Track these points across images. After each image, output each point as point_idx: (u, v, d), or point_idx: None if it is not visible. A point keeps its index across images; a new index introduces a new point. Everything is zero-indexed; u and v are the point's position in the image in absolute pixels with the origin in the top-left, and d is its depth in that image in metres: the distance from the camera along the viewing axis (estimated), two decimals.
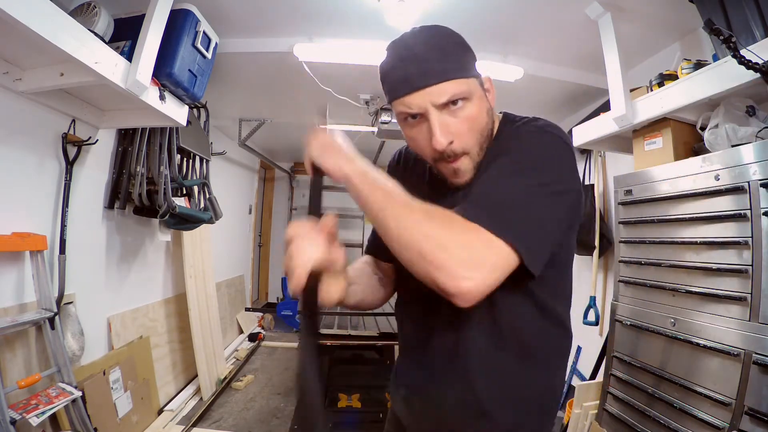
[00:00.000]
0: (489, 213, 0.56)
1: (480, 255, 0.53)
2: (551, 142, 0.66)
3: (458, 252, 0.52)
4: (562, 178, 0.64)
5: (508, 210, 0.58)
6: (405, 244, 0.55)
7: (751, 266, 1.09)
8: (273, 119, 3.64)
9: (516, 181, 0.61)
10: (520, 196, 0.59)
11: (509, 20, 1.98)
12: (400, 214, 0.56)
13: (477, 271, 0.52)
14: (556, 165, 0.64)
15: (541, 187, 0.60)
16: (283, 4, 1.93)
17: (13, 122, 1.56)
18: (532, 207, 0.59)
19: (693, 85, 1.43)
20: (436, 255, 0.52)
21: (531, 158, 0.64)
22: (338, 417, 2.13)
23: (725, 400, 1.11)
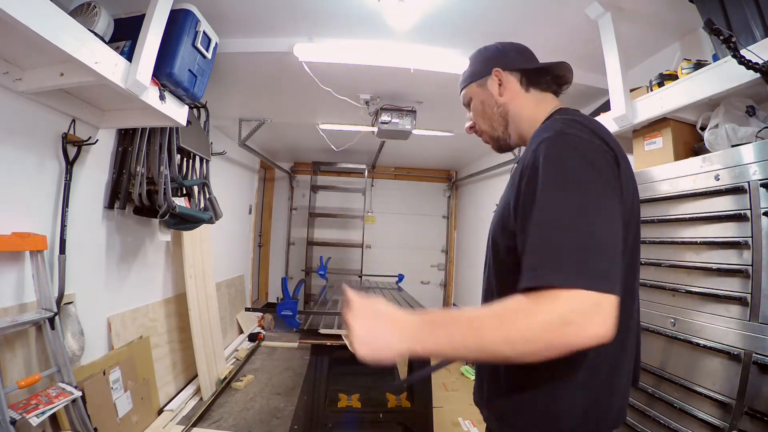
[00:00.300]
0: (551, 267, 0.58)
1: (569, 316, 0.55)
2: (566, 154, 0.66)
3: (548, 330, 0.55)
4: (583, 185, 0.63)
5: (566, 252, 0.59)
6: (520, 354, 0.57)
7: (751, 266, 1.09)
8: (273, 119, 3.64)
9: (557, 215, 0.62)
10: (568, 231, 0.60)
11: (509, 20, 1.97)
12: (485, 337, 0.58)
13: (589, 320, 0.55)
14: (570, 175, 0.64)
15: (582, 210, 0.61)
16: (283, 4, 1.93)
17: (13, 122, 1.56)
18: (583, 234, 0.60)
19: (693, 85, 1.43)
20: (533, 345, 0.56)
21: (558, 182, 0.64)
22: (338, 417, 2.13)
23: (725, 400, 1.11)
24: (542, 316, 0.56)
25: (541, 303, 0.57)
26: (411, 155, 5.32)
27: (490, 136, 0.95)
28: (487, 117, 0.92)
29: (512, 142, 0.93)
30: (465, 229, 5.77)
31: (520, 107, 0.89)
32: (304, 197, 5.89)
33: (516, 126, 0.90)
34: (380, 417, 2.17)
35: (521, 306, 0.58)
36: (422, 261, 6.17)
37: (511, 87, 0.89)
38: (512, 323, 0.57)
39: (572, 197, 0.62)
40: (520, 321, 0.57)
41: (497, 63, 0.89)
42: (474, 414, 2.70)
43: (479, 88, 0.92)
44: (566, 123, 0.71)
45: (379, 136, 3.18)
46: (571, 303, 0.55)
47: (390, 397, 2.25)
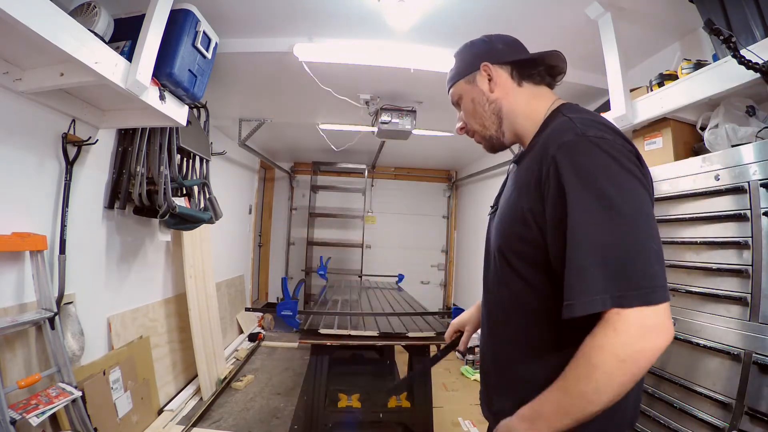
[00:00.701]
0: (606, 289, 0.58)
1: (633, 342, 0.57)
2: (597, 161, 0.62)
3: (621, 361, 0.57)
4: (625, 192, 0.61)
5: (619, 271, 0.58)
6: (614, 395, 0.58)
7: (751, 266, 1.09)
8: (273, 119, 3.64)
9: (596, 233, 0.60)
10: (613, 248, 0.59)
11: (509, 20, 1.97)
12: (574, 405, 0.60)
13: (658, 335, 0.58)
14: (606, 185, 0.61)
15: (628, 223, 0.59)
16: (283, 4, 1.93)
17: (13, 122, 1.56)
18: (634, 249, 0.58)
19: (693, 85, 1.43)
20: (624, 373, 0.57)
21: (595, 194, 0.60)
22: (338, 417, 2.13)
23: (725, 400, 1.11)
24: (610, 361, 0.57)
25: (605, 344, 0.57)
26: (411, 155, 5.32)
27: (482, 137, 0.88)
28: (479, 116, 0.86)
29: (506, 141, 0.86)
30: (465, 229, 5.77)
31: (513, 103, 0.82)
32: (304, 197, 5.89)
33: (511, 123, 0.83)
34: (380, 417, 2.16)
35: (589, 357, 0.59)
36: (422, 261, 6.17)
37: (501, 82, 0.83)
38: (588, 381, 0.58)
39: (612, 208, 0.59)
40: (595, 376, 0.57)
41: (485, 57, 0.84)
42: (474, 414, 2.70)
43: (468, 85, 0.86)
44: (585, 123, 0.66)
45: (379, 136, 3.18)
46: (628, 331, 0.56)
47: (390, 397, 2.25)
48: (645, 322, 0.56)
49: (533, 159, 0.72)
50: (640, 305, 0.56)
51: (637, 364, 0.56)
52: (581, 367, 0.59)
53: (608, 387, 0.57)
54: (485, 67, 0.83)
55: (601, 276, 0.58)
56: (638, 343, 0.56)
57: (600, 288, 0.57)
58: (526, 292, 0.73)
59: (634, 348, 0.56)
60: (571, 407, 0.60)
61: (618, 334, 0.56)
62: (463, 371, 3.58)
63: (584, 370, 0.59)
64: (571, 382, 0.60)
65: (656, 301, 0.57)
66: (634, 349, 0.56)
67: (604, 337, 0.58)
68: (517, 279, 0.75)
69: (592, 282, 0.58)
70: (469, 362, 3.70)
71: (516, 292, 0.75)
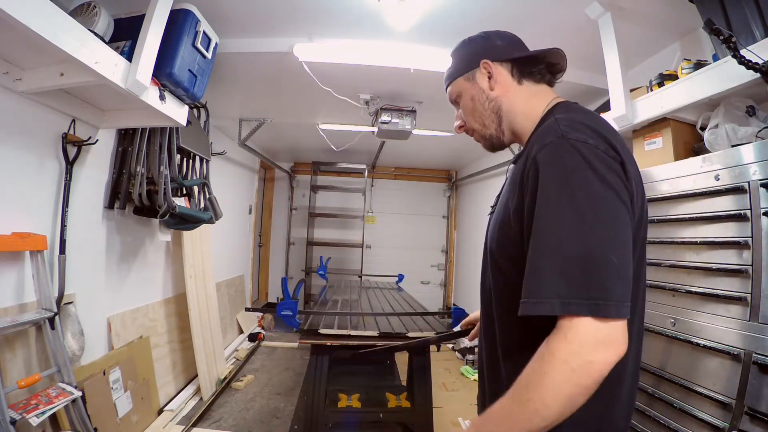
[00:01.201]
0: (553, 293, 0.57)
1: (581, 351, 0.55)
2: (571, 164, 0.61)
3: (570, 367, 0.55)
4: (593, 200, 0.59)
5: (571, 277, 0.57)
6: (561, 407, 0.56)
7: (751, 266, 1.09)
8: (273, 119, 3.64)
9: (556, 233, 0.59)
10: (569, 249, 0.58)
11: (509, 20, 1.97)
12: (518, 424, 0.58)
13: (605, 350, 0.55)
14: (575, 188, 0.60)
15: (589, 229, 0.58)
16: (283, 4, 1.93)
17: (13, 122, 1.56)
18: (591, 256, 0.57)
19: (693, 85, 1.43)
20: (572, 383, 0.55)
21: (568, 194, 0.60)
22: (338, 417, 2.13)
23: (725, 400, 1.11)
24: (553, 375, 0.55)
25: (550, 356, 0.56)
26: (411, 155, 5.32)
27: (481, 135, 0.87)
28: (478, 114, 0.84)
29: (506, 140, 0.85)
30: (465, 229, 5.77)
31: (513, 101, 0.81)
32: (304, 197, 5.88)
33: (510, 122, 0.82)
34: (380, 417, 2.16)
35: (532, 371, 0.58)
36: (422, 261, 6.17)
37: (502, 79, 0.81)
38: (531, 395, 0.57)
39: (578, 215, 0.58)
40: (537, 390, 0.56)
41: (485, 54, 0.82)
42: (474, 414, 2.69)
43: (467, 82, 0.84)
44: (569, 125, 0.65)
45: (379, 136, 3.18)
46: (571, 343, 0.55)
47: (390, 397, 2.25)
48: (596, 334, 0.55)
49: (522, 159, 0.72)
50: (591, 317, 0.55)
51: (588, 375, 0.54)
52: (531, 373, 0.58)
53: (556, 397, 0.55)
54: (485, 65, 0.82)
55: (555, 280, 0.57)
56: (589, 354, 0.54)
57: (552, 292, 0.57)
58: (507, 291, 0.72)
59: (585, 358, 0.54)
60: (518, 416, 0.57)
61: (568, 343, 0.55)
62: (463, 371, 3.58)
63: (534, 377, 0.57)
64: (521, 389, 0.58)
65: (609, 316, 0.55)
66: (585, 360, 0.54)
67: (555, 343, 0.56)
68: (501, 278, 0.75)
69: (545, 284, 0.58)
70: (469, 362, 3.70)
71: (499, 291, 0.76)
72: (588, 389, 0.55)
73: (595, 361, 0.54)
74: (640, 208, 0.68)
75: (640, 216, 0.68)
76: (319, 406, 2.09)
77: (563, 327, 0.56)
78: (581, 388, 0.55)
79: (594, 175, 0.60)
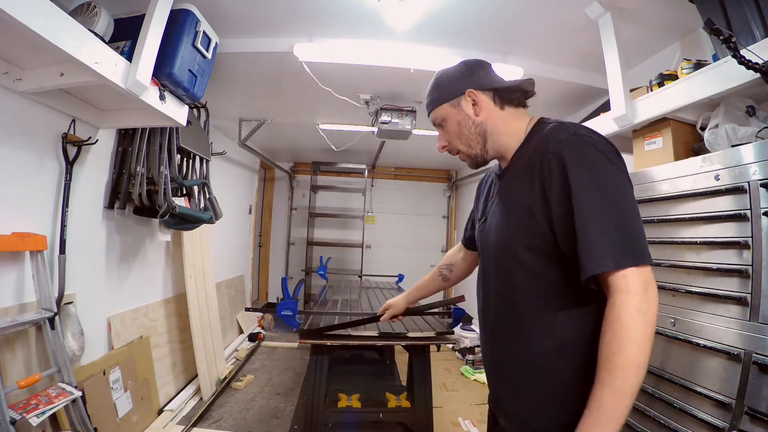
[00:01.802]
0: (616, 254, 0.69)
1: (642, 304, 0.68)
2: (591, 154, 0.75)
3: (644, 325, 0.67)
4: (614, 180, 0.74)
5: (622, 239, 0.70)
6: (650, 349, 0.67)
7: (751, 266, 1.09)
8: (273, 119, 3.64)
9: (605, 211, 0.72)
10: (619, 220, 0.72)
11: (509, 20, 1.98)
12: (630, 380, 0.66)
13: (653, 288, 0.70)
14: (598, 173, 0.74)
15: (621, 202, 0.73)
16: (283, 4, 1.93)
17: (13, 122, 1.56)
18: (628, 223, 0.71)
19: (693, 85, 1.43)
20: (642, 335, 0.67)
21: (596, 179, 0.73)
22: (338, 417, 2.13)
23: (725, 400, 1.11)
24: (632, 326, 0.66)
25: (621, 314, 0.67)
26: (411, 155, 5.32)
27: (467, 155, 0.97)
28: (464, 137, 0.94)
29: (488, 157, 0.96)
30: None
31: (497, 124, 0.91)
32: (304, 197, 5.88)
33: (494, 141, 0.92)
34: (380, 417, 2.16)
35: (613, 331, 0.67)
36: (422, 261, 6.17)
37: (485, 106, 0.91)
38: (629, 341, 0.66)
39: (607, 196, 0.72)
40: (626, 343, 0.66)
41: (469, 83, 0.92)
42: (474, 414, 2.70)
43: (453, 109, 0.94)
44: (574, 126, 0.78)
45: (379, 136, 3.18)
46: (631, 291, 0.67)
47: (390, 397, 2.25)
48: (643, 277, 0.68)
49: (527, 163, 0.82)
50: (634, 266, 0.68)
51: (654, 312, 0.67)
52: (617, 334, 0.67)
53: (646, 342, 0.66)
54: (471, 93, 0.91)
55: (606, 247, 0.69)
56: (647, 296, 0.67)
57: (605, 253, 0.69)
58: (527, 277, 0.81)
59: (648, 300, 0.67)
60: (628, 381, 0.65)
61: (631, 293, 0.67)
62: (463, 371, 3.58)
63: (622, 336, 0.66)
64: (616, 357, 0.66)
65: (645, 262, 0.70)
66: (648, 301, 0.67)
67: (622, 300, 0.67)
68: (530, 276, 0.81)
69: (598, 249, 0.70)
70: (469, 362, 3.70)
71: (519, 279, 0.83)
72: (655, 323, 0.68)
73: (651, 297, 0.68)
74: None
75: None
76: (319, 406, 2.09)
77: (619, 286, 0.68)
78: (653, 324, 0.67)
79: (608, 161, 0.74)
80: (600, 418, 0.66)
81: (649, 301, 0.68)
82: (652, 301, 0.68)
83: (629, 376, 0.65)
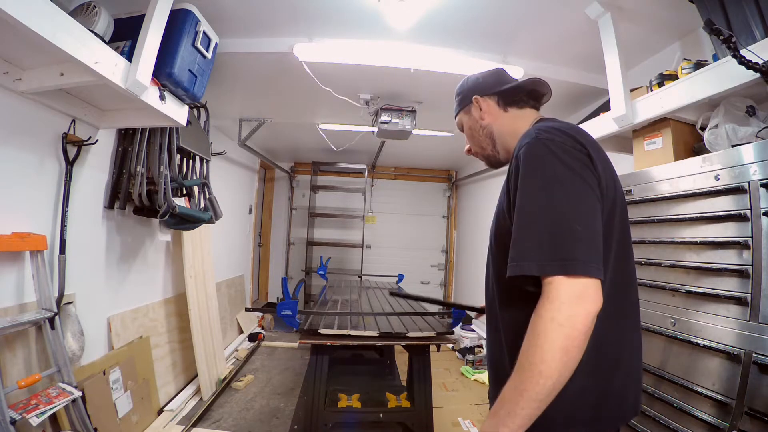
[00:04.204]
0: (530, 258, 0.68)
1: (561, 310, 0.64)
2: (541, 155, 0.74)
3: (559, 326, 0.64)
4: (559, 182, 0.71)
5: (544, 244, 0.68)
6: (560, 363, 0.64)
7: (751, 266, 1.09)
8: (273, 119, 3.64)
9: (531, 214, 0.71)
10: (539, 225, 0.69)
11: (509, 20, 1.98)
12: (530, 382, 0.65)
13: (578, 305, 0.64)
14: (545, 175, 0.72)
15: (557, 203, 0.70)
16: (283, 4, 1.93)
17: (13, 122, 1.56)
18: (558, 225, 0.68)
19: (693, 85, 1.43)
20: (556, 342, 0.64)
21: (539, 179, 0.73)
22: (338, 417, 2.13)
23: (725, 400, 1.11)
24: (544, 334, 0.64)
25: (537, 320, 0.65)
26: (411, 155, 5.32)
27: (482, 155, 1.06)
28: (476, 139, 1.03)
29: (502, 158, 1.01)
30: (465, 229, 5.77)
31: (502, 125, 0.98)
32: (304, 197, 5.88)
33: (502, 142, 0.98)
34: (380, 417, 2.17)
35: (528, 339, 0.66)
36: (422, 261, 6.17)
37: (490, 110, 0.99)
38: (534, 357, 0.64)
39: (548, 193, 0.70)
40: (535, 351, 0.64)
41: (475, 91, 1.01)
42: (474, 414, 2.70)
43: (466, 115, 1.04)
44: (541, 129, 0.78)
45: (379, 136, 3.18)
46: (553, 301, 0.64)
47: (390, 397, 2.25)
48: (571, 289, 0.64)
49: (509, 164, 0.85)
50: (564, 275, 0.65)
51: (573, 327, 0.63)
52: (528, 339, 0.66)
53: (552, 352, 0.63)
54: (476, 100, 1.00)
55: (532, 248, 0.68)
56: (570, 309, 0.63)
57: (530, 257, 0.68)
58: (503, 276, 0.80)
59: (567, 313, 0.63)
60: (526, 384, 0.64)
61: (551, 302, 0.65)
62: (463, 371, 3.58)
63: (529, 342, 0.66)
64: (522, 359, 0.66)
65: (577, 273, 0.65)
66: (568, 314, 0.63)
67: (541, 306, 0.66)
68: (496, 265, 0.85)
69: (524, 251, 0.69)
70: (469, 362, 3.70)
71: (497, 276, 0.85)
72: (578, 340, 0.63)
73: (576, 313, 0.63)
74: (613, 190, 0.78)
75: (614, 197, 0.78)
76: (319, 406, 2.09)
77: (545, 290, 0.66)
78: (571, 339, 0.63)
79: (558, 163, 0.72)
80: (499, 409, 0.67)
81: (572, 314, 0.63)
82: (577, 315, 0.63)
83: (528, 379, 0.64)
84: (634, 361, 0.81)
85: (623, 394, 0.77)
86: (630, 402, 0.79)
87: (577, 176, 0.71)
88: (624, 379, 0.77)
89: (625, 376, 0.78)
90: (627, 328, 0.80)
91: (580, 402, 0.73)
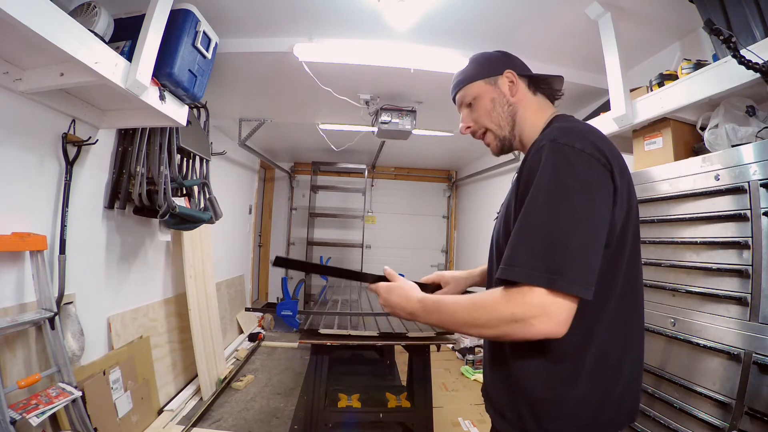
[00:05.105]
0: (518, 264, 0.68)
1: (521, 311, 0.66)
2: (557, 164, 0.71)
3: (507, 323, 0.67)
4: (568, 193, 0.69)
5: (535, 253, 0.67)
6: (484, 335, 0.74)
7: (751, 266, 1.09)
8: (273, 119, 3.64)
9: (538, 218, 0.70)
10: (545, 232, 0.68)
11: (509, 20, 1.97)
12: (458, 320, 0.75)
13: (537, 319, 0.65)
14: (556, 183, 0.70)
15: (561, 216, 0.68)
16: (283, 4, 1.93)
17: (13, 122, 1.56)
18: (555, 238, 0.67)
19: (693, 85, 1.43)
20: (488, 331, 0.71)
21: (548, 187, 0.70)
22: (338, 417, 2.13)
23: (725, 400, 1.11)
24: (500, 313, 0.68)
25: (508, 300, 0.67)
26: (411, 155, 5.32)
27: (495, 135, 0.94)
28: (496, 115, 0.92)
29: (515, 144, 0.94)
30: (465, 229, 5.76)
31: (526, 109, 0.92)
32: (304, 197, 5.88)
33: (520, 128, 0.92)
34: (380, 417, 2.17)
35: (491, 300, 0.70)
36: (422, 261, 6.17)
37: (521, 89, 0.92)
38: (478, 314, 0.71)
39: (553, 204, 0.68)
40: (485, 313, 0.70)
41: (509, 65, 0.93)
42: (474, 414, 2.70)
43: (489, 86, 0.92)
44: (562, 131, 0.74)
45: (379, 136, 3.18)
46: (525, 302, 0.65)
47: (390, 397, 2.25)
48: (544, 303, 0.64)
49: (522, 162, 0.81)
50: (546, 289, 0.64)
51: (520, 331, 0.66)
52: (487, 301, 0.71)
53: (488, 330, 0.70)
54: (509, 74, 0.92)
55: (525, 255, 0.68)
56: (533, 318, 0.65)
57: (522, 263, 0.67)
58: None
59: (529, 320, 0.65)
60: (444, 316, 0.77)
61: (524, 302, 0.65)
62: (463, 371, 3.58)
63: (487, 306, 0.70)
64: (473, 309, 0.72)
65: (561, 290, 0.64)
66: (528, 322, 0.65)
67: (513, 297, 0.67)
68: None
69: (517, 256, 0.68)
70: (469, 362, 3.70)
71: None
72: (508, 339, 0.71)
73: (535, 325, 0.64)
74: (628, 201, 0.75)
75: (628, 208, 0.75)
76: (319, 406, 2.09)
77: (524, 290, 0.66)
78: (506, 336, 0.69)
79: (572, 173, 0.69)
80: (428, 302, 0.82)
81: (530, 324, 0.64)
82: (533, 328, 0.64)
83: (448, 316, 0.75)
84: (636, 369, 0.80)
85: (622, 402, 0.77)
86: (627, 408, 0.78)
87: (587, 190, 0.68)
88: (624, 387, 0.76)
89: (626, 383, 0.77)
90: (632, 338, 0.79)
91: (580, 407, 0.73)
